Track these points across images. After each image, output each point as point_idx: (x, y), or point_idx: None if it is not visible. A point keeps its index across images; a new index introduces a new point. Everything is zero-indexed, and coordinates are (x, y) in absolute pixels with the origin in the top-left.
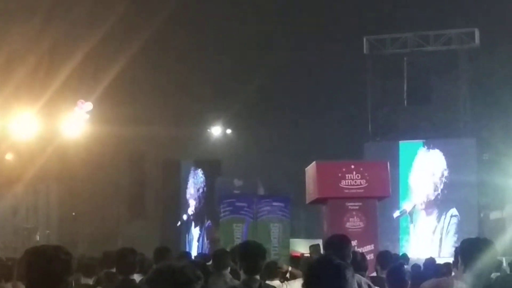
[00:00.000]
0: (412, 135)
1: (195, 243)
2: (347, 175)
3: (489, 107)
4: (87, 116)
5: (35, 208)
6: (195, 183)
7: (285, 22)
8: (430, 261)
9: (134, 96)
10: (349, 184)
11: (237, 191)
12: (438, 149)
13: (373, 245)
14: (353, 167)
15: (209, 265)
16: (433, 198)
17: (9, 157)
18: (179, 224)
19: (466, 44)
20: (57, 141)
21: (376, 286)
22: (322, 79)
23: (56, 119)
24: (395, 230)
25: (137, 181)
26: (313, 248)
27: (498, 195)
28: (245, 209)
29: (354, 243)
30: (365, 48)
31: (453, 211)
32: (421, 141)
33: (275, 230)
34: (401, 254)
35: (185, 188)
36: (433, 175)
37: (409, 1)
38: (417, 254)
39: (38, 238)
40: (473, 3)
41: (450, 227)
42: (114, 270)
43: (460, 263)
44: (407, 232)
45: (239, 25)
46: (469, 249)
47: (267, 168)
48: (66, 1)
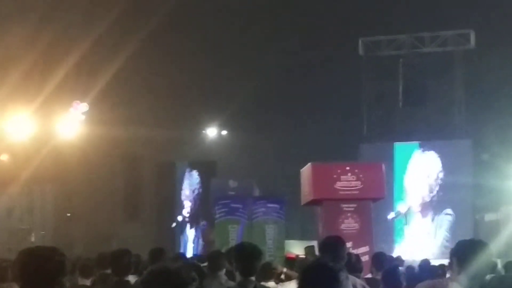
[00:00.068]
0: (407, 136)
1: (190, 244)
2: (342, 177)
3: (485, 108)
4: (83, 117)
5: (30, 209)
6: (190, 185)
7: (280, 24)
8: (425, 263)
9: (129, 97)
10: (344, 185)
11: (232, 193)
12: (433, 150)
13: (368, 247)
14: (348, 168)
15: (204, 266)
16: (428, 200)
17: (4, 158)
18: (174, 225)
19: (461, 45)
20: (52, 142)
21: (371, 287)
22: (317, 80)
23: (51, 120)
24: (390, 231)
25: (132, 182)
26: (308, 249)
27: (493, 197)
28: (240, 210)
29: (349, 244)
30: (360, 49)
31: (448, 210)
32: (416, 143)
33: (270, 231)
34: (395, 256)
35: (180, 189)
36: (428, 177)
37: (404, 3)
38: (412, 255)
39: (33, 239)
40: (468, 4)
41: (443, 223)
42: (109, 271)
43: (455, 265)
44: (402, 233)
45: (234, 27)
46: (464, 251)
47: (263, 169)
48: (61, 2)
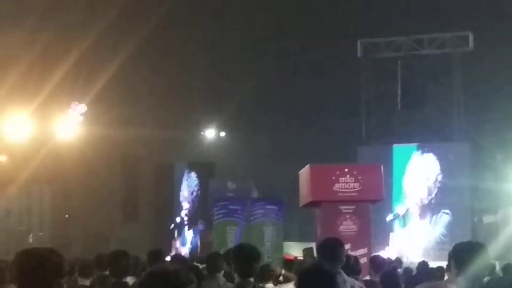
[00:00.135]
0: (405, 138)
1: (188, 245)
2: (340, 179)
3: (483, 110)
4: (81, 118)
5: (28, 210)
6: (189, 186)
7: (279, 25)
8: (423, 265)
9: (128, 98)
10: (343, 187)
11: (230, 194)
12: (432, 153)
13: (366, 249)
14: (346, 170)
15: (203, 268)
16: (426, 202)
17: (3, 159)
18: (172, 226)
19: (460, 47)
20: (51, 143)
21: None
22: (316, 82)
23: (49, 121)
24: (388, 233)
25: (131, 183)
26: (307, 251)
27: (491, 199)
28: (239, 212)
29: (347, 246)
30: (359, 51)
31: (445, 210)
32: (415, 145)
33: (269, 233)
34: (394, 258)
35: (179, 190)
36: (427, 179)
37: (403, 5)
38: (410, 257)
39: (31, 240)
40: (467, 7)
41: (440, 220)
42: (107, 272)
43: (453, 267)
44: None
45: (234, 28)
46: (462, 253)
47: (261, 171)
48: (59, 3)
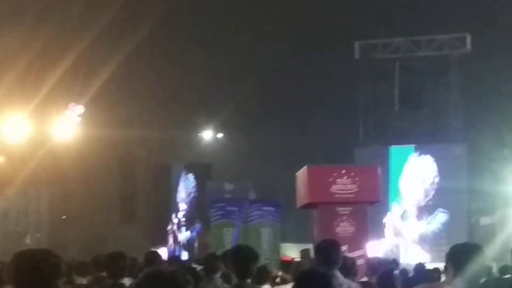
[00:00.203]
0: (403, 140)
1: (185, 255)
2: (337, 180)
3: (480, 112)
4: (79, 119)
5: (25, 211)
6: (186, 187)
7: (276, 27)
8: (420, 267)
9: (125, 100)
10: (340, 189)
11: (228, 195)
12: (429, 154)
13: (363, 250)
14: (344, 172)
15: (200, 269)
16: (423, 203)
17: (0, 160)
18: (169, 228)
19: (457, 49)
20: (48, 144)
21: None
22: (313, 83)
23: (47, 122)
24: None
25: (128, 184)
26: (304, 252)
27: (488, 201)
28: (236, 213)
29: (344, 248)
30: (356, 53)
31: (442, 209)
32: (412, 146)
33: (266, 234)
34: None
35: (176, 191)
36: (424, 181)
37: (400, 6)
38: (407, 259)
39: (28, 241)
40: (464, 8)
41: (436, 217)
42: (104, 274)
43: (450, 269)
44: (397, 247)
45: (231, 30)
46: (459, 255)
47: (258, 172)
48: (57, 4)
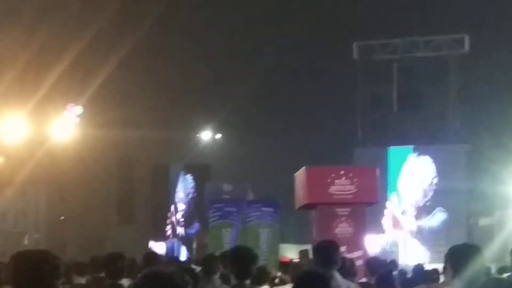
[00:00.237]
0: (401, 141)
1: (183, 252)
2: (336, 181)
3: (479, 113)
4: (77, 120)
5: (24, 212)
6: (185, 188)
7: (274, 28)
8: (418, 267)
9: (124, 100)
10: (338, 189)
11: (226, 196)
12: (427, 155)
13: (362, 251)
14: (342, 172)
15: (199, 270)
16: (422, 204)
17: None
18: (167, 228)
19: (456, 50)
20: (47, 144)
21: None
22: (312, 84)
23: (45, 123)
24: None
25: (126, 185)
26: (303, 253)
27: (487, 202)
28: (234, 214)
29: (343, 249)
30: (355, 53)
31: (441, 208)
32: (410, 147)
33: (264, 235)
34: (389, 260)
35: (174, 192)
36: (422, 181)
37: (399, 7)
38: (406, 260)
39: (27, 242)
40: (463, 9)
41: (435, 217)
42: (102, 274)
43: (449, 269)
44: (396, 244)
45: (229, 30)
46: (457, 255)
47: (257, 173)
48: (54, 4)
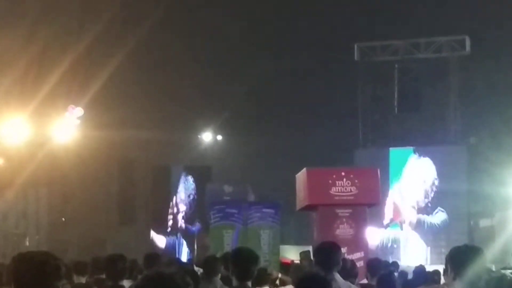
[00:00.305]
0: (402, 142)
1: (184, 249)
2: (337, 182)
3: (480, 114)
4: (78, 121)
5: (25, 213)
6: (186, 189)
7: (275, 28)
8: (419, 269)
9: (124, 101)
10: (339, 191)
11: (227, 197)
12: (428, 157)
13: (363, 252)
14: (343, 174)
15: (200, 271)
16: (423, 205)
17: None
18: (169, 230)
19: (456, 51)
20: (48, 146)
21: None
22: (313, 85)
23: (46, 124)
24: (385, 242)
25: (127, 186)
26: (304, 254)
27: (488, 203)
28: (235, 215)
29: (344, 250)
30: (356, 55)
31: (442, 209)
32: (411, 148)
33: (265, 236)
34: (391, 261)
35: (175, 193)
36: (424, 182)
37: (400, 9)
38: (407, 261)
39: (27, 243)
40: (463, 11)
41: (436, 215)
42: (103, 276)
43: (450, 271)
44: (397, 242)
45: (230, 31)
46: (458, 257)
47: (258, 174)
48: (55, 6)
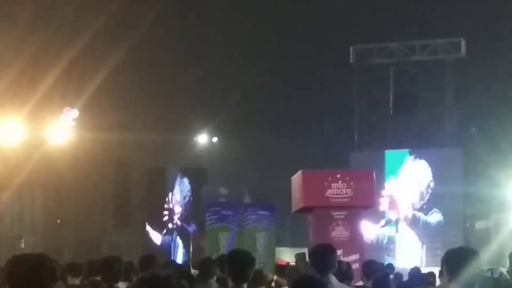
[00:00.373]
0: (397, 144)
1: (180, 250)
2: (332, 184)
3: (475, 117)
4: (73, 123)
5: (20, 215)
6: (181, 191)
7: (271, 31)
8: (415, 271)
9: (120, 103)
10: (335, 193)
11: (223, 200)
12: (424, 159)
13: (358, 255)
14: (339, 176)
15: (195, 273)
16: (418, 207)
17: None
18: (164, 232)
19: (452, 54)
20: (43, 148)
21: None
22: (308, 88)
23: (42, 126)
24: (380, 239)
25: (123, 188)
26: (299, 256)
27: (483, 205)
28: (231, 217)
29: (339, 252)
30: (351, 57)
31: (437, 210)
32: (406, 151)
33: (261, 238)
34: (386, 263)
35: (171, 195)
36: (420, 184)
37: (395, 11)
38: (402, 263)
39: (23, 245)
40: (459, 13)
41: (431, 216)
42: (98, 278)
43: (445, 273)
44: (393, 241)
45: (225, 34)
46: (454, 259)
47: (253, 176)
48: (50, 8)
